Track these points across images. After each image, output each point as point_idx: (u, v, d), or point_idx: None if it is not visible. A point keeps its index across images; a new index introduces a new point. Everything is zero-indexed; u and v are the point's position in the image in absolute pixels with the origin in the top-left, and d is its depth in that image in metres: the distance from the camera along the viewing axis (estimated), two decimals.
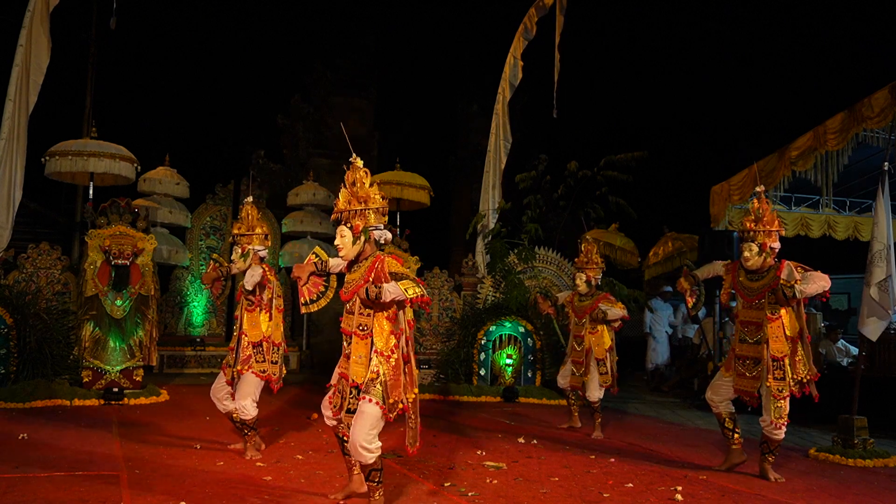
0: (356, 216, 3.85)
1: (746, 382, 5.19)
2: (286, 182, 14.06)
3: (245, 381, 5.19)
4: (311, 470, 4.92)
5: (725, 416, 5.38)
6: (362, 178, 3.88)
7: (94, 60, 13.84)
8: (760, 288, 5.14)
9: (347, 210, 3.87)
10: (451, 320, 10.09)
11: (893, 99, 6.77)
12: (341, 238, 3.88)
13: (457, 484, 4.66)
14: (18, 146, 8.43)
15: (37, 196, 13.35)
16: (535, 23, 11.33)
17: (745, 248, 5.18)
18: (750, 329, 5.19)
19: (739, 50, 17.54)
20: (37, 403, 7.22)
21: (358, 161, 3.90)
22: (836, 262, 13.45)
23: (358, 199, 3.86)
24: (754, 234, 5.15)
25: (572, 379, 7.08)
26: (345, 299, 3.93)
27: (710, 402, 5.50)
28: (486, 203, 11.12)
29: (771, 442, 5.14)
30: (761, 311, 5.13)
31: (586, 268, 6.98)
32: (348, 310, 3.92)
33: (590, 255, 7.01)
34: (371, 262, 3.87)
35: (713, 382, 5.50)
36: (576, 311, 7.07)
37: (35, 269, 8.33)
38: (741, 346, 5.24)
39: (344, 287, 3.94)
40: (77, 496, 4.06)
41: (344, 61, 16.30)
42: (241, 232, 5.34)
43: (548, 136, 15.18)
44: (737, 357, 5.26)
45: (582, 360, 6.95)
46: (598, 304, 6.88)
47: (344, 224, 3.87)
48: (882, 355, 7.81)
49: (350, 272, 3.95)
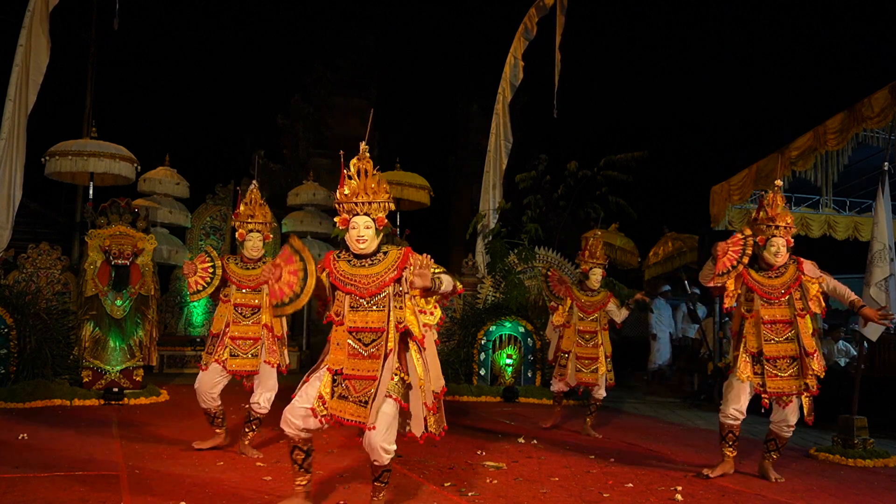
0: (379, 209, 3.73)
1: (784, 383, 4.94)
2: (286, 182, 14.08)
3: (272, 375, 5.30)
4: (312, 470, 4.91)
5: (736, 428, 5.12)
6: (372, 169, 3.76)
7: (94, 60, 13.84)
8: (782, 285, 5.01)
9: (368, 202, 3.71)
10: (451, 320, 10.09)
11: (893, 99, 6.77)
12: (367, 230, 3.70)
13: (457, 484, 4.66)
14: (18, 146, 8.43)
15: (37, 196, 13.35)
16: (536, 23, 11.33)
17: (773, 243, 4.99)
18: (777, 328, 4.99)
19: (739, 50, 17.54)
20: (37, 403, 7.22)
21: (366, 151, 3.77)
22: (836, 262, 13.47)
23: (376, 192, 3.73)
24: (781, 229, 5.01)
25: (581, 375, 6.80)
26: (371, 294, 3.67)
27: (733, 417, 5.05)
28: (486, 203, 11.11)
29: (780, 439, 5.10)
30: (786, 308, 5.00)
31: (597, 264, 6.88)
32: (366, 306, 3.67)
33: (598, 251, 6.91)
34: (397, 253, 3.74)
35: (733, 394, 5.06)
36: (584, 307, 6.88)
37: (35, 269, 8.32)
38: (769, 347, 4.97)
39: (352, 283, 3.69)
40: (77, 496, 4.05)
41: (344, 61, 16.32)
42: (245, 214, 5.32)
43: (548, 136, 15.19)
44: (767, 359, 4.96)
45: (595, 357, 6.80)
46: (609, 302, 6.87)
47: (364, 215, 3.70)
48: (882, 355, 7.81)
49: (359, 267, 3.73)
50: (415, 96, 18.50)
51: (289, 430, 3.73)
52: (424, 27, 18.49)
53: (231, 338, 5.24)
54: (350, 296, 3.70)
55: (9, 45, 8.56)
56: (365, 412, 3.60)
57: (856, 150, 7.98)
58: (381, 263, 3.74)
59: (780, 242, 5.01)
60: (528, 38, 11.39)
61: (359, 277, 3.71)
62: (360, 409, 3.62)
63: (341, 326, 3.70)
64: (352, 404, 3.63)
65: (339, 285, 3.71)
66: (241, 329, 5.27)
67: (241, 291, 5.31)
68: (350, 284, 3.70)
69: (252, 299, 5.32)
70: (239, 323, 5.28)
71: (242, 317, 5.30)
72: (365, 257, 3.75)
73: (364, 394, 3.61)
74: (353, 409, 3.63)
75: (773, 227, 5.02)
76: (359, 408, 3.62)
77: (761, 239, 5.05)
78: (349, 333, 3.68)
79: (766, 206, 5.08)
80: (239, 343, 5.25)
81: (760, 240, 5.05)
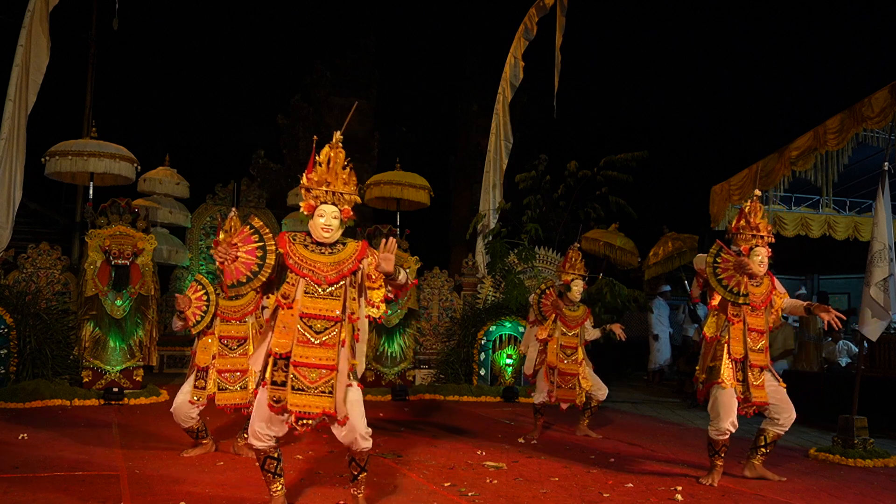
0: (347, 200, 3.74)
1: (759, 393, 4.91)
2: (286, 182, 14.06)
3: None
4: (312, 470, 4.92)
5: (729, 440, 4.99)
6: (344, 160, 3.76)
7: (94, 60, 13.83)
8: (761, 295, 5.01)
9: (340, 193, 3.71)
10: (451, 320, 10.09)
11: (893, 99, 6.78)
12: (334, 220, 3.70)
13: (457, 484, 4.66)
14: (18, 146, 8.43)
15: (37, 196, 13.36)
16: (536, 23, 11.33)
17: (758, 252, 4.96)
18: (755, 336, 4.98)
19: (740, 50, 17.55)
20: (37, 403, 7.22)
21: (340, 140, 3.76)
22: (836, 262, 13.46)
23: (346, 183, 3.73)
24: (764, 238, 5.01)
25: (559, 392, 6.59)
26: (329, 282, 3.66)
27: (729, 432, 4.89)
28: (486, 203, 11.11)
29: (772, 436, 5.10)
30: (763, 318, 5.02)
31: (578, 275, 6.71)
32: (322, 294, 3.64)
33: (578, 262, 6.75)
34: (356, 245, 3.77)
35: (724, 407, 4.88)
36: (567, 322, 6.67)
37: (35, 269, 8.32)
38: (752, 356, 4.93)
39: (310, 269, 3.66)
40: (77, 496, 4.05)
41: (344, 61, 16.31)
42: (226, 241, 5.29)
43: (548, 136, 15.20)
44: (751, 367, 4.91)
45: (575, 373, 6.60)
46: (587, 319, 6.75)
47: (332, 205, 3.70)
48: (882, 355, 7.81)
49: (319, 253, 3.70)
50: (415, 96, 18.51)
51: (261, 444, 3.69)
52: (424, 27, 18.51)
53: (218, 371, 5.13)
54: (305, 280, 3.66)
55: (9, 45, 8.57)
56: (331, 402, 3.60)
57: (856, 150, 7.98)
58: (342, 253, 3.74)
59: (763, 252, 5.00)
60: (528, 38, 11.39)
61: (318, 264, 3.69)
62: (325, 399, 3.60)
63: (290, 310, 3.65)
64: (313, 396, 3.60)
65: (294, 269, 3.67)
66: (230, 362, 5.15)
67: (226, 323, 5.19)
68: (308, 270, 3.67)
69: (238, 331, 5.19)
70: (226, 356, 5.15)
71: (229, 349, 5.17)
72: (325, 245, 3.74)
73: (324, 384, 3.60)
74: (316, 400, 3.59)
75: (758, 236, 5.01)
76: (322, 398, 3.60)
77: (745, 248, 5.01)
78: (300, 319, 3.63)
79: (748, 214, 5.06)
80: (226, 376, 5.13)
81: (744, 249, 5.01)
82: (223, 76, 17.43)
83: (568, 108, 11.68)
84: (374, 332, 9.30)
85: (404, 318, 9.49)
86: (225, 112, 16.61)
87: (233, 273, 3.62)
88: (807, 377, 8.39)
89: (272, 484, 3.82)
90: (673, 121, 17.50)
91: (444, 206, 16.48)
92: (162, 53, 16.90)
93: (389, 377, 9.35)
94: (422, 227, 12.26)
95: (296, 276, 3.66)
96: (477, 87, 17.09)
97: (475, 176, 13.90)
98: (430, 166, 14.23)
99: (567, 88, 11.62)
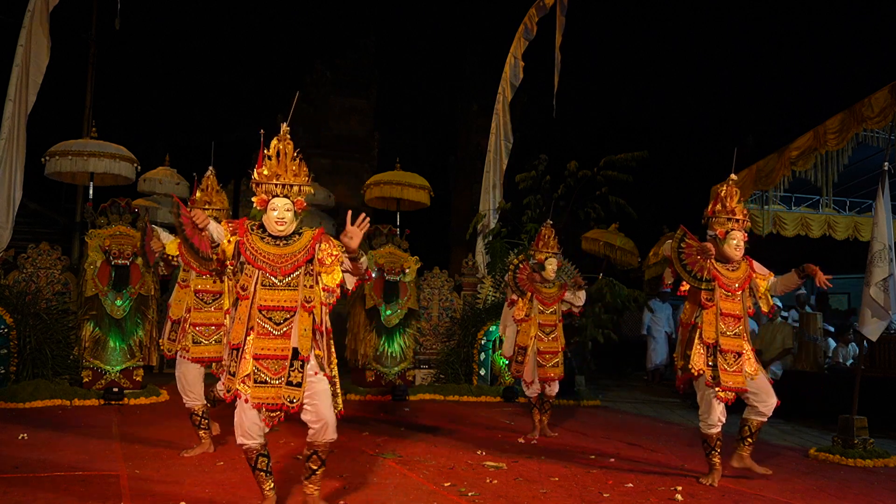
0: (299, 192, 3.74)
1: (734, 378, 4.89)
2: None
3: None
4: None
5: (721, 433, 4.98)
6: (293, 151, 3.76)
7: (94, 60, 13.84)
8: (737, 279, 5.01)
9: (290, 185, 3.71)
10: (451, 320, 10.08)
11: (893, 99, 6.77)
12: (287, 212, 3.70)
13: (457, 484, 4.66)
14: (18, 146, 8.43)
15: (37, 196, 13.37)
16: (536, 23, 11.33)
17: (734, 236, 4.99)
18: (728, 321, 4.95)
19: (740, 50, 17.55)
20: (37, 403, 7.22)
21: (287, 132, 3.76)
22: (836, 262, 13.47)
23: (296, 174, 3.73)
24: (740, 222, 5.02)
25: (543, 370, 6.52)
26: (284, 273, 3.67)
27: (719, 423, 4.90)
28: (486, 203, 11.11)
29: (756, 425, 5.07)
30: (739, 303, 5.01)
31: (552, 253, 6.65)
32: (279, 285, 3.65)
33: (551, 239, 6.70)
34: (311, 233, 3.77)
35: (708, 400, 4.92)
36: (544, 300, 6.63)
37: (35, 269, 8.31)
38: (725, 340, 4.91)
39: (265, 261, 3.66)
40: (77, 496, 4.05)
41: (344, 61, 16.32)
42: (202, 201, 5.31)
43: (548, 136, 15.20)
44: (722, 352, 4.89)
45: (556, 350, 6.60)
46: (565, 294, 6.68)
47: (284, 197, 3.70)
48: (882, 355, 7.81)
49: (273, 245, 3.70)
50: (415, 96, 18.52)
51: (250, 441, 3.69)
52: (424, 27, 18.53)
53: (193, 324, 5.19)
54: (261, 272, 3.67)
55: (9, 45, 8.57)
56: (299, 393, 3.62)
57: (856, 150, 7.98)
58: (296, 244, 3.74)
59: (739, 235, 5.01)
60: (528, 38, 11.39)
61: (273, 256, 3.69)
62: (293, 391, 3.61)
63: (246, 301, 3.66)
64: (283, 388, 3.60)
65: (250, 260, 3.68)
66: (204, 315, 5.22)
67: (202, 277, 5.23)
68: (262, 262, 3.68)
69: (213, 285, 5.23)
70: (200, 309, 5.22)
71: (203, 303, 5.24)
72: (280, 237, 3.74)
73: (292, 375, 3.62)
74: (286, 392, 3.60)
75: (734, 220, 5.02)
76: (291, 390, 3.61)
77: (721, 232, 5.04)
78: (259, 311, 3.64)
79: (724, 198, 5.07)
80: (201, 330, 5.20)
81: (720, 233, 5.04)
82: (223, 76, 17.44)
83: (568, 108, 11.68)
84: (374, 333, 9.30)
85: (404, 318, 9.49)
86: (225, 112, 16.60)
87: (202, 242, 3.61)
88: (807, 377, 8.38)
89: (264, 483, 3.82)
90: (673, 121, 17.51)
91: (444, 206, 16.50)
92: (162, 53, 16.91)
93: (389, 377, 9.35)
94: (422, 227, 12.26)
95: (251, 267, 3.67)
96: (477, 87, 17.11)
97: (475, 176, 13.91)
98: (430, 166, 14.23)
99: (567, 88, 11.62)
